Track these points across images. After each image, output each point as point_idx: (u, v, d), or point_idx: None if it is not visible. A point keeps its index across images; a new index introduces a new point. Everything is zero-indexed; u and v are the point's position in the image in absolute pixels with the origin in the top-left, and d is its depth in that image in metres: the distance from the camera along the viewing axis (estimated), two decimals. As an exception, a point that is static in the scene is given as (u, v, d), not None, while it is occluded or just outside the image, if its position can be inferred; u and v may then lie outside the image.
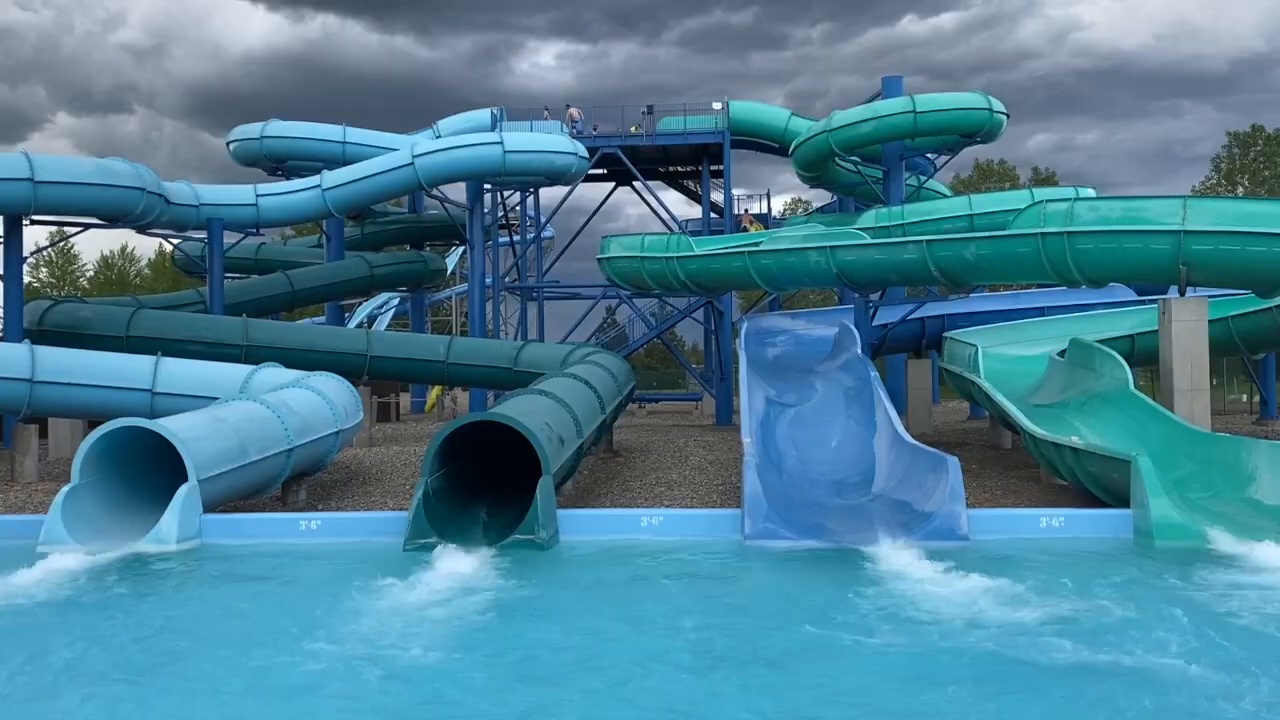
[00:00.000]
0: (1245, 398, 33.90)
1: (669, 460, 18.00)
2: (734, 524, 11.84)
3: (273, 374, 16.31)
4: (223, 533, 11.89)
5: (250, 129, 30.26)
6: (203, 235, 26.24)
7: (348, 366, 20.54)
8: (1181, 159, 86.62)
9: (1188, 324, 15.25)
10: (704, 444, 20.35)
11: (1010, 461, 17.38)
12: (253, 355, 20.06)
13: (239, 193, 26.54)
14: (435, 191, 28.11)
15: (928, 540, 10.64)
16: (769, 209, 37.19)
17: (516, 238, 35.50)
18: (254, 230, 27.42)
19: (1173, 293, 15.55)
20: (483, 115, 33.00)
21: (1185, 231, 14.53)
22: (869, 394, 16.41)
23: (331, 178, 26.56)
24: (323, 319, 34.79)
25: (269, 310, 28.88)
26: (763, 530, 11.42)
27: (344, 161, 28.72)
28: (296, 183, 27.62)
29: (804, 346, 23.66)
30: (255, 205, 26.27)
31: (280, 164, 30.50)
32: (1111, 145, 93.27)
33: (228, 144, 30.93)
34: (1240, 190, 50.18)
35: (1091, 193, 23.67)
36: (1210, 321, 15.78)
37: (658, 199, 34.70)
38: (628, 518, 12.36)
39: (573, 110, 32.62)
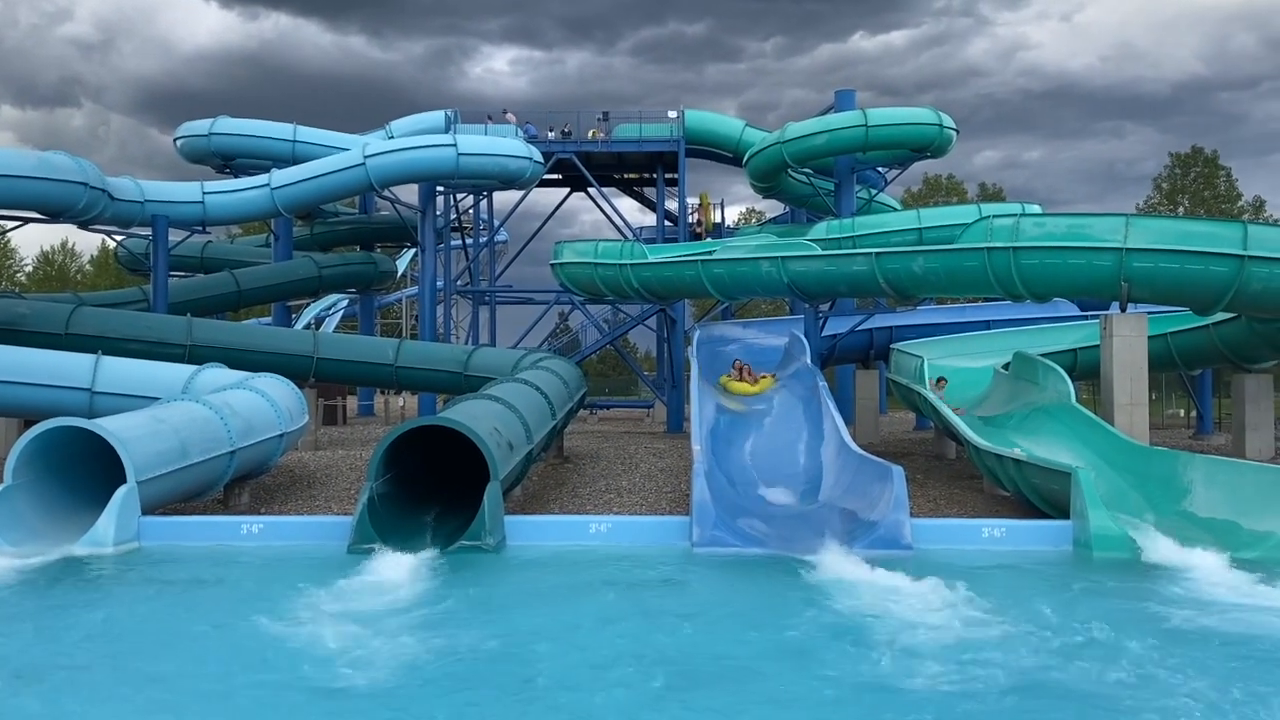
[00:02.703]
0: (1183, 413, 34.69)
1: (619, 467, 17.98)
2: (682, 531, 11.86)
3: (216, 375, 16.03)
4: (161, 535, 11.66)
5: (198, 125, 29.77)
6: (147, 232, 25.73)
7: (294, 368, 20.23)
8: (1125, 178, 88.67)
9: (1128, 339, 15.57)
10: (655, 451, 20.36)
11: (954, 472, 17.61)
12: (196, 355, 19.67)
13: (185, 190, 26.09)
14: (387, 193, 27.87)
15: (872, 549, 10.74)
16: (723, 218, 37.30)
17: (469, 241, 35.28)
18: (200, 228, 26.96)
19: (1114, 309, 15.87)
20: (436, 117, 32.76)
21: (1127, 249, 14.84)
22: (817, 403, 16.54)
23: (281, 176, 26.21)
24: (269, 320, 34.28)
25: (214, 310, 28.39)
26: (710, 538, 11.44)
27: (294, 161, 28.35)
28: (245, 181, 27.22)
29: (754, 355, 23.72)
30: (202, 203, 25.84)
31: (229, 162, 30.03)
32: (1057, 163, 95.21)
33: (175, 140, 30.40)
34: (1181, 210, 51.39)
35: (1037, 209, 24.10)
36: (1150, 337, 16.13)
37: (612, 206, 34.71)
38: (575, 524, 12.32)
39: (509, 115, 32.50)
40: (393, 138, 30.68)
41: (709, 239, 31.90)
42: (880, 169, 30.52)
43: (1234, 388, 20.18)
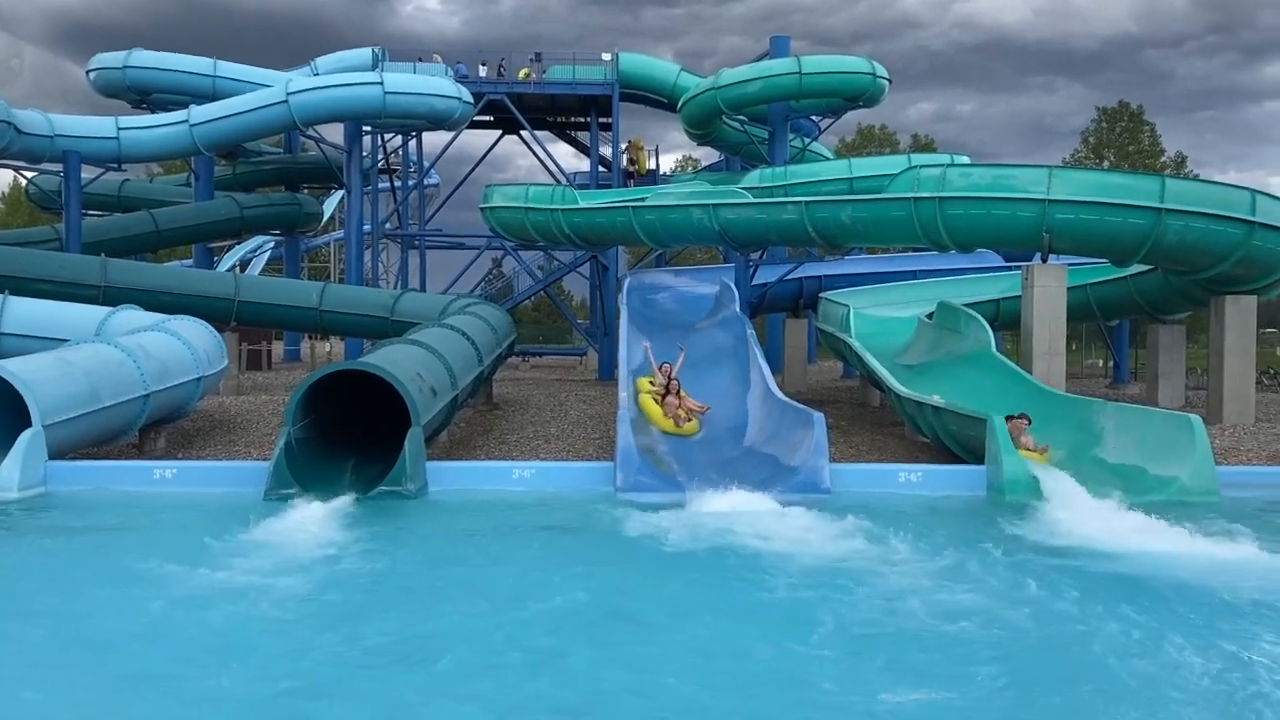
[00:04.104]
0: (1100, 363, 35.68)
1: (548, 414, 17.93)
2: (606, 477, 11.88)
3: (130, 317, 15.56)
4: (69, 480, 11.34)
5: (112, 58, 28.61)
6: (59, 168, 24.76)
7: (214, 311, 19.77)
8: (1054, 132, 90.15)
9: (1048, 289, 15.88)
10: (585, 398, 20.34)
11: (877, 419, 17.89)
12: (111, 297, 19.04)
13: (98, 124, 25.13)
14: (311, 131, 27.15)
15: (792, 493, 10.87)
16: (658, 165, 37.09)
17: (398, 184, 34.59)
18: (115, 165, 26.03)
19: (1036, 260, 16.13)
20: (363, 54, 31.90)
21: (1049, 200, 15.06)
22: (745, 351, 16.62)
23: (200, 113, 25.36)
24: (191, 262, 33.36)
25: (132, 251, 27.52)
26: (634, 483, 11.51)
27: (214, 97, 27.46)
28: (162, 116, 26.33)
29: (685, 303, 23.79)
30: (116, 139, 24.94)
31: (145, 97, 28.97)
32: (988, 117, 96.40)
33: (88, 73, 29.20)
34: (1107, 164, 52.34)
35: (966, 160, 24.34)
36: (1070, 288, 16.47)
37: (546, 151, 34.23)
38: (499, 470, 12.27)
39: (436, 57, 31.85)
40: (318, 75, 29.81)
41: (635, 184, 31.67)
42: (814, 118, 30.52)
43: (1149, 338, 20.74)
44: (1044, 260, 15.93)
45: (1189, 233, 14.98)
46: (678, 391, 14.11)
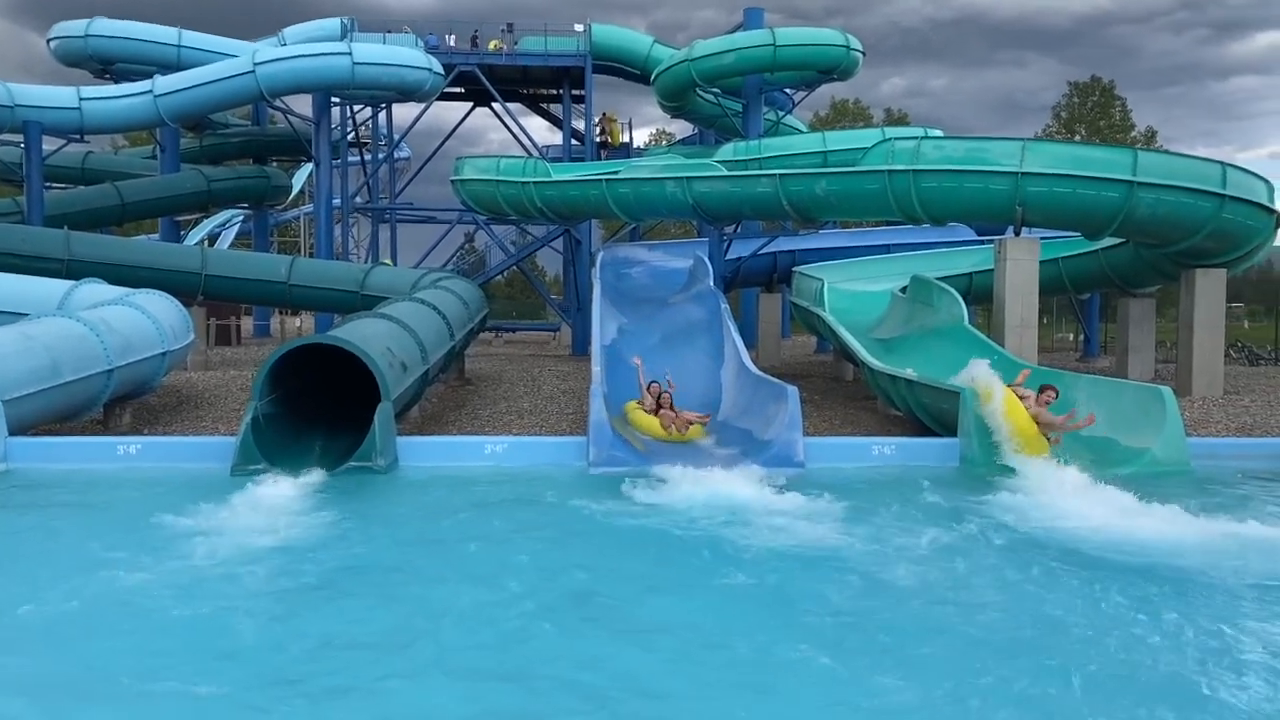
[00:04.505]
0: (1071, 337, 35.94)
1: (521, 389, 17.81)
2: (578, 451, 11.80)
3: (94, 290, 15.28)
4: (31, 456, 11.13)
5: (73, 26, 27.99)
6: (20, 139, 24.23)
7: (181, 285, 19.47)
8: (1025, 108, 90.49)
9: (1020, 263, 15.89)
10: (558, 373, 20.23)
11: (851, 393, 17.90)
12: (75, 271, 18.73)
13: (59, 94, 24.59)
14: (279, 103, 26.68)
15: (766, 467, 10.81)
16: (631, 138, 36.82)
17: (368, 156, 34.16)
18: (77, 136, 25.51)
19: (1009, 233, 16.14)
20: (332, 24, 31.38)
21: (1023, 173, 15.04)
22: (719, 325, 16.55)
23: (165, 83, 24.87)
24: (157, 236, 32.84)
25: (96, 224, 27.05)
26: (606, 458, 11.42)
27: (179, 67, 26.96)
28: (126, 87, 25.81)
29: (659, 277, 23.69)
30: (78, 109, 24.42)
31: (108, 66, 28.42)
32: (960, 92, 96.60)
33: (49, 42, 28.57)
34: (1078, 138, 52.54)
35: (939, 134, 24.30)
36: (1042, 262, 16.49)
37: (518, 124, 33.89)
38: (470, 445, 12.14)
39: (405, 29, 31.45)
40: (286, 45, 29.29)
41: (608, 158, 31.45)
42: (788, 90, 30.39)
43: (1119, 312, 20.85)
44: (1017, 233, 15.93)
45: (1161, 206, 15.02)
46: (670, 406, 12.96)
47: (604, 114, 34.48)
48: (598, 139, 33.14)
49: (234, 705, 4.96)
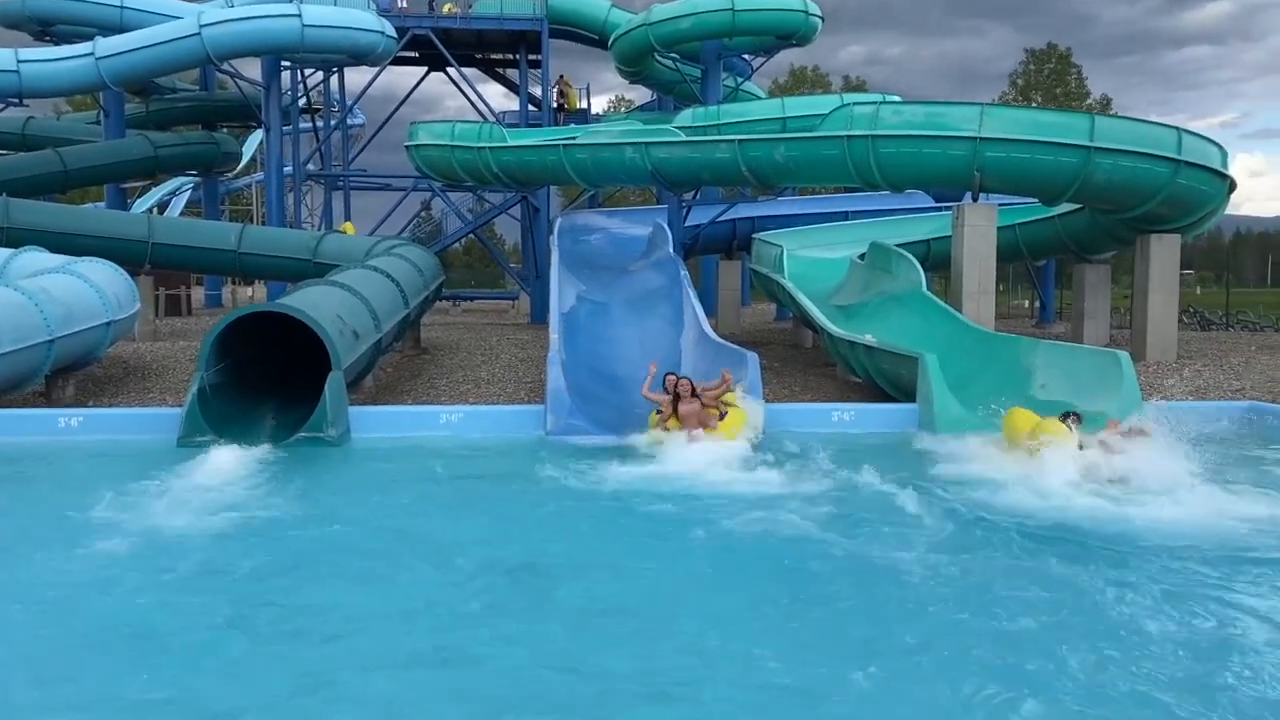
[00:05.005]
0: (1027, 304, 36.25)
1: (479, 358, 17.59)
2: (536, 420, 11.65)
3: (33, 258, 14.81)
4: (-34, 430, 10.75)
5: (11, -14, 26.96)
6: (-46, 104, 23.42)
7: (127, 254, 18.96)
8: (982, 76, 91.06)
9: (978, 229, 15.89)
10: (517, 342, 20.00)
11: (810, 360, 17.88)
12: (14, 239, 18.15)
13: (-4, 57, 23.73)
14: (226, 66, 25.97)
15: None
16: (589, 104, 36.37)
17: (320, 123, 33.45)
18: (16, 100, 24.68)
19: (967, 199, 16.12)
20: (282, -14, 30.51)
21: (981, 138, 14.99)
22: (678, 292, 16.43)
23: (106, 45, 24.09)
24: (103, 204, 31.99)
25: (38, 191, 26.12)
26: (564, 426, 11.31)
27: (122, 29, 26.07)
28: (66, 49, 24.94)
29: (618, 245, 23.49)
30: (16, 72, 23.60)
31: (48, 28, 27.44)
32: (918, 60, 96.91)
33: (-16, 2, 27.50)
34: (1034, 105, 52.82)
35: (898, 99, 24.21)
36: (999, 228, 16.51)
37: (475, 90, 33.29)
38: (425, 414, 11.94)
39: None
40: (233, 5, 28.48)
41: (565, 123, 31.04)
42: (746, 57, 30.14)
43: (1075, 278, 20.99)
44: (974, 199, 15.92)
45: (1118, 171, 15.05)
46: (692, 392, 10.74)
47: (560, 77, 34.01)
48: (555, 104, 32.67)
49: (171, 689, 4.76)
